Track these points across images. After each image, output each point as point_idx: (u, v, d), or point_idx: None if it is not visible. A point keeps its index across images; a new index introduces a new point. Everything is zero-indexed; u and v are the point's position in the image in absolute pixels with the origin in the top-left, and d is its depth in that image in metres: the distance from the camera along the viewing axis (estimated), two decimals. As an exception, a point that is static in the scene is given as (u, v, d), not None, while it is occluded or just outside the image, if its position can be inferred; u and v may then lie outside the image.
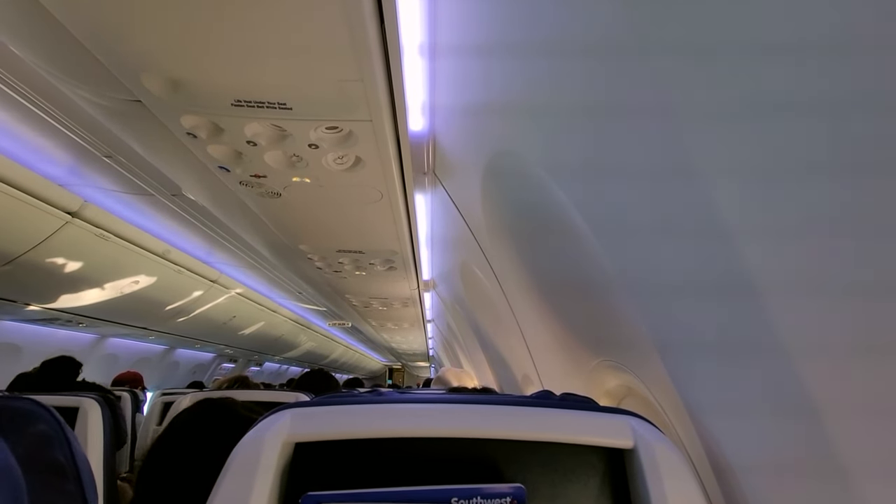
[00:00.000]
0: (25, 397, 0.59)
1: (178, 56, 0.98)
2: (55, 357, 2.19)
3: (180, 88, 1.08)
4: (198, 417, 0.80)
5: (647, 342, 0.83)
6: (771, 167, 0.49)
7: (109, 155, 2.24)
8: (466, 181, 1.46)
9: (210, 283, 4.04)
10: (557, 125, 0.88)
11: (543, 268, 1.23)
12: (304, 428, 0.55)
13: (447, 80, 1.21)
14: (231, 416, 0.81)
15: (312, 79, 1.06)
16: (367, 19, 0.89)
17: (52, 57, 1.09)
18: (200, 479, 0.71)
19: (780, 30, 0.43)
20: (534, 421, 0.56)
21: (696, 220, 0.60)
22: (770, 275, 0.53)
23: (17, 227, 2.43)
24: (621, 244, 0.82)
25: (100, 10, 0.87)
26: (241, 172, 1.51)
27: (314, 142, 1.32)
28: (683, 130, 0.57)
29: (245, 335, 5.61)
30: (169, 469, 0.75)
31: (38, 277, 2.86)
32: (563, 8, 0.70)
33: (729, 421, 0.70)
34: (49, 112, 1.82)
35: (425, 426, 0.54)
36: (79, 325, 3.83)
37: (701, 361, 0.72)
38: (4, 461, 0.51)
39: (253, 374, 7.24)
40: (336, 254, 2.41)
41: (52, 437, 0.59)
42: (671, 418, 0.82)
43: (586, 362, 1.12)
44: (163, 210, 2.88)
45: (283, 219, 1.96)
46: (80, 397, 1.53)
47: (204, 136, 1.29)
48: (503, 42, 0.90)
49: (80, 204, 2.60)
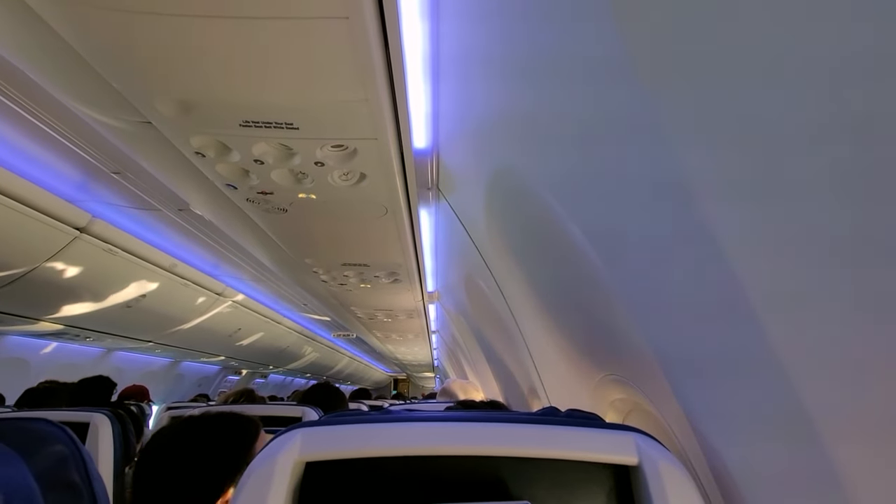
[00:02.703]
0: (43, 419, 0.61)
1: (189, 80, 1.00)
2: (93, 377, 2.28)
3: (190, 111, 1.11)
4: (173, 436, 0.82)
5: (650, 357, 0.84)
6: (766, 185, 0.50)
7: (118, 171, 2.27)
8: (470, 196, 1.48)
9: (216, 295, 4.07)
10: (558, 142, 0.90)
11: (547, 281, 1.25)
12: (315, 447, 0.56)
13: (450, 97, 1.23)
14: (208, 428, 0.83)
15: (319, 99, 1.08)
16: (371, 42, 0.92)
17: (66, 81, 1.12)
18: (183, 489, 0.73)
19: (773, 51, 0.44)
20: (540, 438, 0.57)
21: (695, 237, 0.61)
22: (767, 291, 0.54)
23: (26, 243, 2.46)
24: (622, 260, 0.83)
25: (113, 38, 0.90)
26: (248, 190, 1.54)
27: (320, 159, 1.34)
28: (680, 149, 0.59)
29: (250, 347, 5.62)
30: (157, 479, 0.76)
31: (47, 293, 2.90)
32: (563, 29, 0.72)
33: (732, 436, 0.70)
34: (58, 129, 1.86)
35: (435, 444, 0.55)
36: (86, 340, 3.86)
37: (704, 376, 0.73)
38: (24, 481, 0.53)
39: (258, 387, 7.24)
40: (341, 267, 2.43)
41: (69, 457, 0.60)
42: (676, 433, 0.83)
43: (591, 376, 1.12)
44: (170, 224, 2.92)
45: (288, 234, 1.98)
46: (91, 412, 1.54)
47: (212, 156, 1.32)
48: (505, 61, 0.92)
49: (88, 220, 2.64)
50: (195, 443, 0.79)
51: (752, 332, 0.57)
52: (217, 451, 0.80)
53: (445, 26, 1.03)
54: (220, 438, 0.82)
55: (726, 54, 0.48)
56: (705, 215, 0.57)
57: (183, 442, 0.79)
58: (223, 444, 0.81)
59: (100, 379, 2.26)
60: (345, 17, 0.85)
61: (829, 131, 0.42)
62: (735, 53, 0.47)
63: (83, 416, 1.54)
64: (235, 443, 0.82)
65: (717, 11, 0.47)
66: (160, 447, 0.77)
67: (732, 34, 0.47)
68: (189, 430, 0.81)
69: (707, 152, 0.56)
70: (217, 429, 0.82)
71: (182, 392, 5.88)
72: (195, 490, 0.74)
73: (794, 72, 0.43)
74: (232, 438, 0.83)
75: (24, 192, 2.22)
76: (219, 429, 0.83)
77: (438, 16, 1.02)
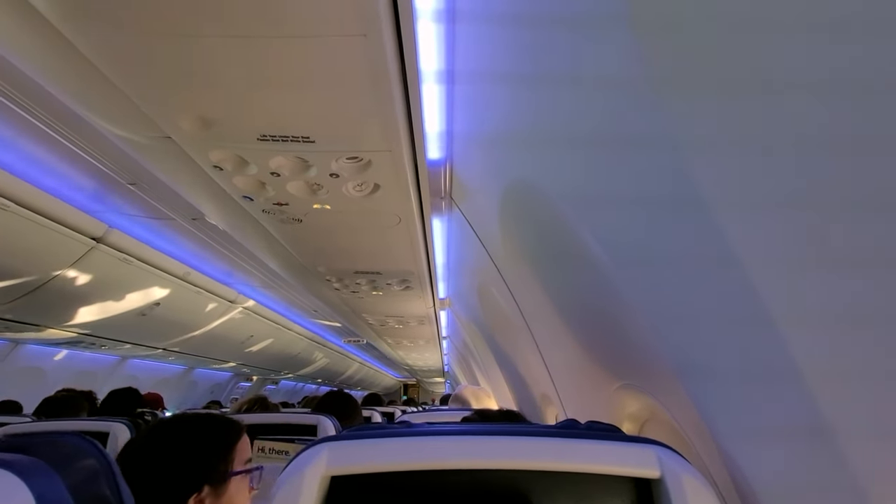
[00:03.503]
0: (75, 433, 0.63)
1: (210, 98, 1.03)
2: (121, 388, 2.37)
3: (210, 126, 1.13)
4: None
5: (668, 366, 0.84)
6: (784, 197, 0.50)
7: (134, 182, 2.32)
8: (483, 206, 1.49)
9: (228, 302, 4.11)
10: (574, 153, 0.90)
11: (562, 290, 1.25)
12: (342, 461, 0.57)
13: (464, 108, 1.24)
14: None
15: (335, 114, 1.10)
16: (388, 58, 0.93)
17: (90, 99, 1.15)
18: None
19: (792, 66, 0.45)
20: (562, 451, 0.58)
21: (710, 249, 0.61)
22: (788, 301, 0.54)
23: (44, 254, 2.51)
24: (640, 271, 0.83)
25: (138, 58, 0.93)
26: (264, 201, 1.56)
27: (335, 171, 1.36)
28: (695, 162, 0.59)
29: (261, 354, 5.66)
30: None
31: (64, 302, 2.95)
32: (579, 41, 0.73)
33: (754, 446, 0.70)
34: (76, 142, 1.90)
35: (460, 459, 0.55)
36: (101, 348, 3.91)
37: (724, 386, 0.73)
38: (60, 495, 0.55)
39: (269, 393, 7.27)
40: (354, 275, 2.45)
41: (99, 472, 0.62)
42: (695, 443, 0.83)
43: (607, 385, 1.12)
44: (183, 233, 2.96)
45: (302, 243, 2.01)
46: (110, 422, 1.57)
47: (230, 169, 1.34)
48: (520, 72, 0.93)
49: (105, 230, 2.68)
50: (171, 441, 0.82)
51: (773, 342, 0.57)
52: (192, 450, 0.82)
53: (461, 38, 1.04)
54: (197, 438, 0.84)
55: (744, 68, 0.49)
56: (723, 226, 0.58)
57: (160, 440, 0.81)
58: (199, 444, 0.83)
59: (128, 390, 2.37)
60: (363, 35, 0.86)
61: (850, 146, 0.43)
62: (753, 68, 0.48)
63: (103, 425, 1.57)
64: (212, 443, 0.84)
65: (736, 25, 0.48)
66: (139, 444, 0.80)
67: (750, 48, 0.47)
68: (167, 429, 0.84)
69: (723, 164, 0.56)
70: (194, 429, 0.84)
71: (195, 399, 5.93)
72: (166, 486, 0.77)
73: (813, 87, 0.43)
74: (208, 439, 0.84)
75: (43, 204, 2.27)
76: (196, 429, 0.85)
77: (454, 29, 1.03)
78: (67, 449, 0.60)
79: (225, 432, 0.87)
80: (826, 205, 0.46)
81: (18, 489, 0.49)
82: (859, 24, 0.38)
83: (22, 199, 2.14)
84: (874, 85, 0.39)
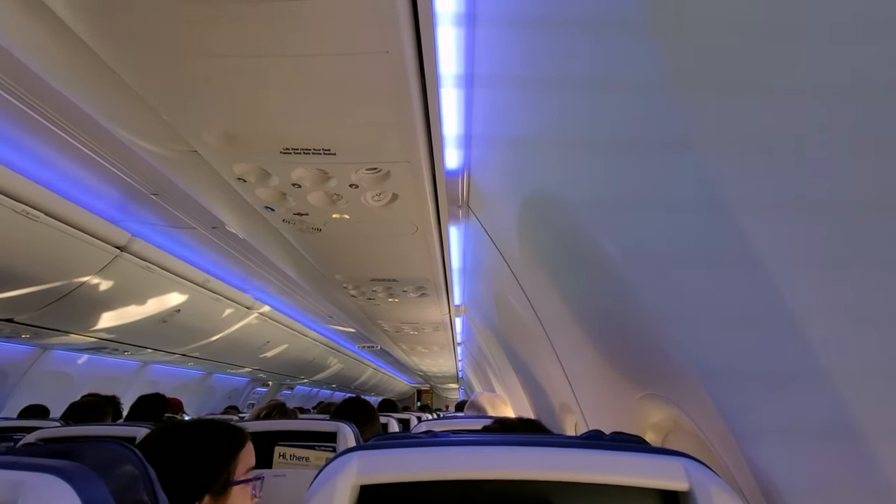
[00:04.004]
0: (116, 441, 0.65)
1: (236, 113, 1.06)
2: (150, 394, 2.45)
3: (235, 141, 1.16)
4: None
5: (691, 374, 0.84)
6: (807, 200, 0.50)
7: (156, 193, 2.38)
8: (501, 213, 1.50)
9: (245, 309, 4.17)
10: (593, 159, 0.91)
11: (581, 297, 1.25)
12: (372, 470, 0.58)
13: (483, 117, 1.26)
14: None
15: (356, 127, 1.13)
16: (409, 73, 0.95)
17: (121, 115, 1.20)
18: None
19: (812, 69, 0.45)
20: (589, 462, 0.58)
21: (732, 252, 0.61)
22: (814, 303, 0.54)
23: (71, 262, 2.59)
24: (660, 276, 0.83)
25: (168, 77, 0.97)
26: (284, 211, 1.59)
27: (355, 182, 1.39)
28: (717, 165, 0.60)
29: (277, 359, 5.72)
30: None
31: (89, 309, 3.03)
32: (599, 47, 0.73)
33: (783, 456, 0.69)
34: (102, 154, 1.96)
35: (488, 469, 0.56)
36: (124, 353, 4.00)
37: (750, 392, 0.72)
38: (105, 500, 0.57)
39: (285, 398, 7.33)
40: (370, 282, 2.48)
41: (138, 477, 0.64)
42: (722, 454, 0.82)
43: (629, 394, 1.12)
44: (203, 242, 3.02)
45: (321, 251, 2.04)
46: (137, 427, 1.61)
47: (253, 181, 1.37)
48: (539, 78, 0.94)
49: (128, 238, 2.75)
50: (172, 448, 0.83)
51: (800, 345, 0.56)
52: (193, 458, 0.83)
53: (481, 43, 1.05)
54: (198, 446, 0.85)
55: (765, 71, 0.49)
56: (744, 230, 0.58)
57: (160, 447, 0.83)
58: (200, 452, 0.84)
59: (155, 396, 2.45)
60: (385, 52, 0.88)
61: (876, 147, 0.43)
62: (775, 71, 0.48)
63: (131, 430, 1.61)
64: (213, 452, 0.85)
65: (756, 28, 0.48)
66: (144, 449, 0.81)
67: (771, 51, 0.48)
68: (168, 436, 0.85)
69: (745, 167, 0.56)
70: (196, 437, 0.86)
71: (213, 404, 6.01)
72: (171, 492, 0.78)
73: (831, 89, 0.44)
74: (210, 447, 0.85)
75: (71, 214, 2.34)
76: (198, 437, 0.86)
77: (474, 34, 1.04)
78: (109, 455, 0.62)
79: (227, 440, 0.87)
80: (851, 205, 0.46)
81: (67, 494, 0.51)
82: (889, 27, 0.38)
83: (52, 210, 2.22)
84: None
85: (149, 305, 3.33)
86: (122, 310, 3.20)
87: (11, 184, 1.97)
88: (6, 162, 1.93)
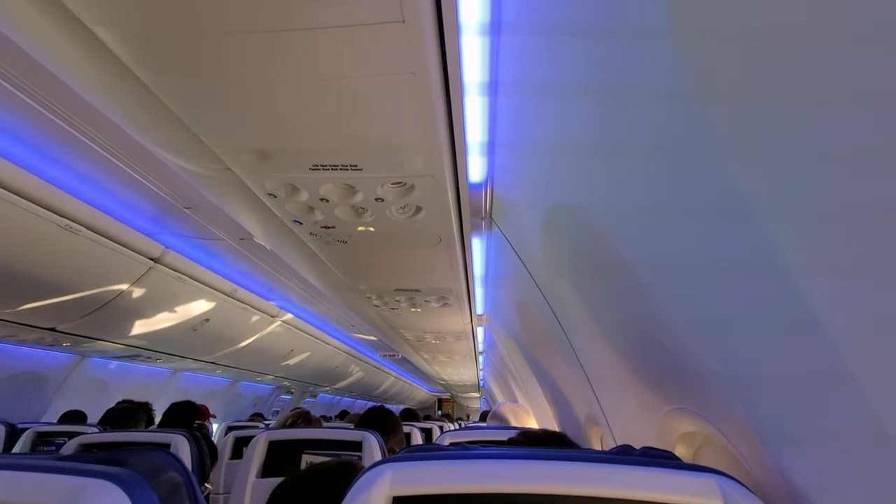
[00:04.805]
0: (160, 450, 0.69)
1: (269, 133, 1.11)
2: (181, 401, 2.55)
3: (267, 158, 1.21)
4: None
5: (723, 387, 0.83)
6: (836, 207, 0.50)
7: (189, 206, 2.47)
8: (524, 223, 1.51)
9: (271, 318, 4.27)
10: (618, 168, 0.91)
11: (608, 309, 1.25)
12: (404, 482, 0.60)
13: (506, 128, 1.27)
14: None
15: (382, 144, 1.16)
16: (434, 92, 0.98)
17: (162, 136, 1.26)
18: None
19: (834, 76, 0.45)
20: (620, 478, 0.59)
21: (763, 260, 0.61)
22: (851, 312, 0.53)
23: (110, 273, 2.70)
24: (689, 287, 0.83)
25: (206, 98, 1.02)
26: (312, 224, 1.64)
27: (380, 196, 1.42)
28: (742, 172, 0.60)
29: (301, 367, 5.81)
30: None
31: (125, 318, 3.15)
32: (624, 56, 0.74)
33: (821, 472, 0.68)
34: (140, 171, 2.05)
35: (520, 483, 0.57)
36: (157, 361, 4.13)
37: (784, 406, 0.71)
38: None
39: (308, 406, 7.42)
40: (393, 292, 2.51)
41: (181, 485, 0.67)
42: (755, 471, 0.81)
43: (657, 408, 1.11)
44: (231, 252, 3.12)
45: (346, 262, 2.08)
46: (172, 434, 1.66)
47: (283, 196, 1.42)
48: (564, 87, 0.95)
49: (162, 250, 2.86)
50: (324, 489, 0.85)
51: (835, 354, 0.55)
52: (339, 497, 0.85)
53: (505, 56, 1.06)
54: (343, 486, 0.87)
55: (789, 78, 0.49)
56: (774, 237, 0.57)
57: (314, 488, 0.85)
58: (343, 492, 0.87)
59: (187, 403, 2.54)
60: (411, 73, 0.91)
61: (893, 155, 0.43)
62: (798, 78, 0.48)
63: (165, 437, 1.67)
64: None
65: (781, 35, 0.49)
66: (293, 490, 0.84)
67: (794, 59, 0.48)
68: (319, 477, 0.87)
69: (775, 174, 0.56)
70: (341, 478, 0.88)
71: (240, 411, 6.13)
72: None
73: (854, 96, 0.44)
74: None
75: (109, 227, 2.45)
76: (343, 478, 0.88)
77: (498, 42, 1.05)
78: (157, 462, 0.65)
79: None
80: (881, 211, 0.46)
81: (121, 499, 0.54)
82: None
83: (92, 224, 2.32)
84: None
85: (180, 314, 3.44)
86: (155, 319, 3.31)
87: (57, 200, 2.08)
88: (53, 179, 2.04)
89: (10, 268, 2.27)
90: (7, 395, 3.42)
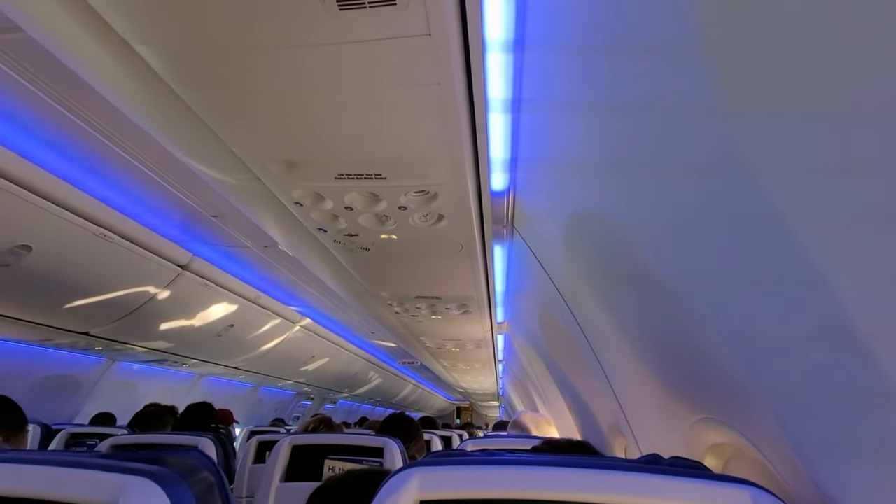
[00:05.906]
0: (194, 451, 0.71)
1: (298, 143, 1.14)
2: (197, 403, 2.59)
3: (295, 168, 1.25)
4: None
5: (754, 397, 0.81)
6: (869, 215, 0.49)
7: (216, 215, 2.54)
8: (546, 232, 1.51)
9: (292, 324, 4.33)
10: (641, 180, 0.91)
11: (631, 317, 1.23)
12: (432, 486, 0.60)
13: (530, 137, 1.28)
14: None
15: (406, 154, 1.18)
16: (458, 102, 1.00)
17: (195, 148, 1.31)
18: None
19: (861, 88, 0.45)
20: (649, 487, 0.58)
21: (797, 272, 0.60)
22: (885, 319, 0.52)
23: (141, 280, 2.79)
24: (718, 296, 0.82)
25: (240, 114, 1.06)
26: (336, 232, 1.67)
27: (403, 204, 1.44)
28: (765, 184, 0.59)
29: (322, 373, 5.87)
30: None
31: (154, 323, 3.24)
32: (650, 68, 0.74)
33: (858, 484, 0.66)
34: (171, 182, 2.12)
35: (547, 489, 0.57)
36: (183, 366, 4.23)
37: (818, 416, 0.69)
38: (190, 502, 0.62)
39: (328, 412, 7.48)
40: (414, 299, 2.53)
41: (214, 485, 0.69)
42: (789, 483, 0.79)
43: (683, 417, 1.09)
44: (255, 259, 3.19)
45: (368, 270, 2.11)
46: (198, 437, 1.70)
47: (308, 204, 1.45)
48: (588, 100, 0.95)
49: (189, 258, 2.94)
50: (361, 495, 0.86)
51: (875, 366, 0.54)
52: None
53: (529, 67, 1.07)
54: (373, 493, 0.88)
55: (816, 92, 0.49)
56: (806, 247, 0.57)
57: (351, 492, 0.86)
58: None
59: (203, 405, 2.56)
60: (436, 84, 0.93)
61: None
62: (824, 91, 0.48)
63: (192, 439, 1.71)
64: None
65: (808, 50, 0.49)
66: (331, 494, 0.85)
67: (822, 72, 0.48)
68: (357, 482, 0.89)
69: (800, 187, 0.55)
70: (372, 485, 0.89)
71: (262, 416, 6.21)
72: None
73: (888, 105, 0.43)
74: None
75: (141, 235, 2.54)
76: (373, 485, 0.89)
77: (522, 58, 1.06)
78: (192, 463, 0.68)
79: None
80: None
81: (160, 496, 0.57)
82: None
83: (124, 232, 2.41)
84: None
85: (206, 319, 3.52)
86: (182, 324, 3.40)
87: (93, 208, 2.16)
88: (89, 189, 2.13)
89: (48, 273, 2.36)
90: (43, 396, 3.55)
